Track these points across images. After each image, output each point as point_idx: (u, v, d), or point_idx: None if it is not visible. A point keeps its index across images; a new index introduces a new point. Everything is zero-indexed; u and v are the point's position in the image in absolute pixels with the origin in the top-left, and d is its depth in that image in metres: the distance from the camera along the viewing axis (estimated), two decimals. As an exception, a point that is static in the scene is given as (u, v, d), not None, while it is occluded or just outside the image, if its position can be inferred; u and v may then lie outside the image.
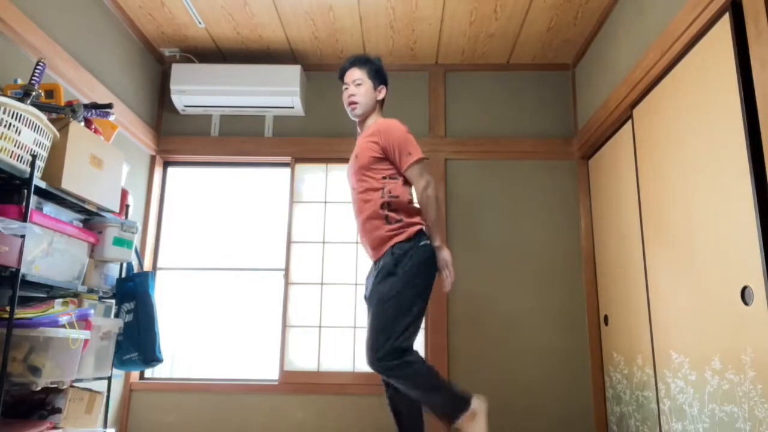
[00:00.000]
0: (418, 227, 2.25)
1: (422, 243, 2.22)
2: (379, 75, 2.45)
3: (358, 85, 2.41)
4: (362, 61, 2.45)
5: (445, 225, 3.29)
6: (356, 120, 2.48)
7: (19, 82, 2.23)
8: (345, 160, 3.55)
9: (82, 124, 2.23)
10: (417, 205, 2.31)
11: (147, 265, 3.39)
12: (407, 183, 2.33)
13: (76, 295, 2.30)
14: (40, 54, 2.40)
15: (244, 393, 3.22)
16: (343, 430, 3.15)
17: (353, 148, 3.45)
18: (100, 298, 2.47)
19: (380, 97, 2.46)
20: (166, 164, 3.65)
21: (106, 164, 2.31)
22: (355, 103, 2.41)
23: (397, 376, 2.09)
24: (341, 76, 2.48)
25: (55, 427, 2.06)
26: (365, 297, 2.40)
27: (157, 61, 3.60)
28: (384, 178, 2.30)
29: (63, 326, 1.94)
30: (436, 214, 2.25)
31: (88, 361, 2.25)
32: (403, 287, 2.14)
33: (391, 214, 2.25)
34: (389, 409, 2.27)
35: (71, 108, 2.16)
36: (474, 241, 3.37)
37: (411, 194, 2.33)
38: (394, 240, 2.22)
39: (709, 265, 2.04)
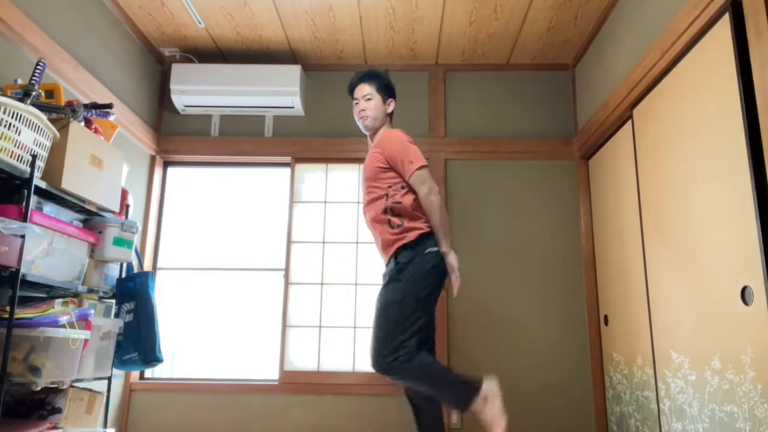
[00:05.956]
0: (419, 231, 2.28)
1: (427, 251, 2.25)
2: (387, 89, 2.51)
3: (368, 100, 2.47)
4: (371, 75, 2.51)
5: (449, 229, 3.24)
6: (368, 133, 2.53)
7: (19, 82, 2.22)
8: (345, 160, 3.57)
9: (82, 124, 2.23)
10: (420, 211, 2.32)
11: (147, 265, 3.39)
12: (413, 190, 2.35)
13: (76, 295, 2.31)
14: (40, 54, 2.40)
15: (244, 393, 3.22)
16: (343, 430, 3.15)
17: (353, 148, 3.50)
18: (100, 298, 2.47)
19: (389, 110, 2.52)
20: (166, 164, 3.65)
21: (106, 164, 2.31)
22: (366, 117, 2.47)
23: (401, 377, 2.17)
24: (350, 91, 2.54)
25: (55, 427, 2.06)
26: None
27: (157, 61, 3.59)
28: (390, 186, 2.36)
29: (63, 326, 1.94)
30: (440, 220, 2.27)
31: (88, 361, 2.25)
32: (405, 294, 2.19)
33: (394, 219, 2.31)
34: (408, 404, 2.33)
35: (71, 108, 2.16)
36: (474, 241, 3.37)
37: (415, 200, 2.34)
38: (397, 244, 2.28)
39: (709, 265, 2.04)
